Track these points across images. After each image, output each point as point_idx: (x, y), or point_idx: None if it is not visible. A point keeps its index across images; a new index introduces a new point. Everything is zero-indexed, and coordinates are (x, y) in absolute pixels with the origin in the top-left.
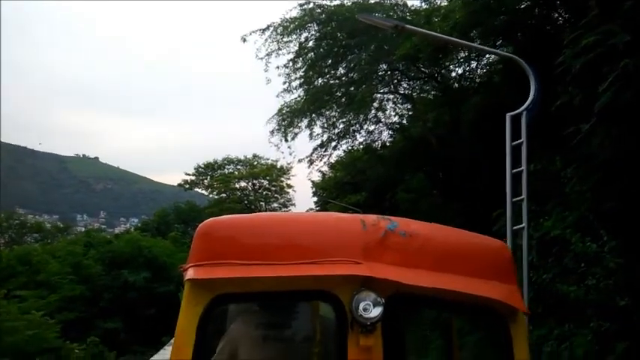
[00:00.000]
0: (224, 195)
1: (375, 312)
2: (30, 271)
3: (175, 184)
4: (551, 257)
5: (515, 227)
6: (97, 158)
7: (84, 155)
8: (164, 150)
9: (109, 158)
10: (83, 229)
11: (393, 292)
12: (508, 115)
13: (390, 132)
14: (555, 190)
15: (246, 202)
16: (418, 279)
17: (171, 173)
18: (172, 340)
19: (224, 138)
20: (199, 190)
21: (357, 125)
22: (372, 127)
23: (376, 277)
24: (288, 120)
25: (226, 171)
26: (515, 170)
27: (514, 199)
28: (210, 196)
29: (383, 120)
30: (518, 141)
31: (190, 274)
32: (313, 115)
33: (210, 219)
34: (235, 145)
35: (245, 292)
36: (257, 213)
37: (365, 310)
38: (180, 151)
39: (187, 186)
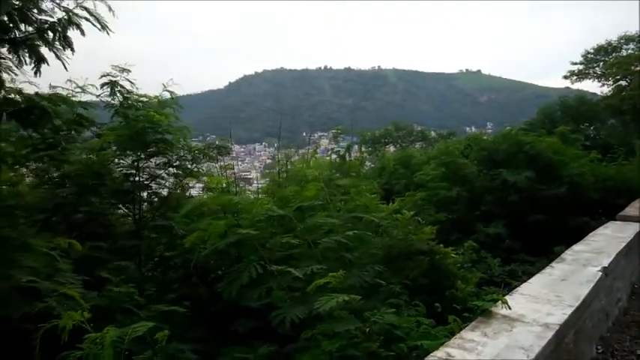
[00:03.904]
0: (622, 83)
1: None
2: (409, 173)
3: (562, 86)
4: None
5: None
6: (479, 71)
7: (467, 70)
8: (544, 53)
9: (490, 69)
10: None
11: None
12: None
13: None
14: None
15: None
16: None
17: (555, 77)
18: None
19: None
20: (589, 82)
21: None
22: None
23: None
24: None
25: (624, 52)
26: None
27: None
28: (603, 87)
29: None
30: None
31: None
32: None
33: None
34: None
35: None
36: None
37: None
38: (562, 52)
39: (575, 77)
